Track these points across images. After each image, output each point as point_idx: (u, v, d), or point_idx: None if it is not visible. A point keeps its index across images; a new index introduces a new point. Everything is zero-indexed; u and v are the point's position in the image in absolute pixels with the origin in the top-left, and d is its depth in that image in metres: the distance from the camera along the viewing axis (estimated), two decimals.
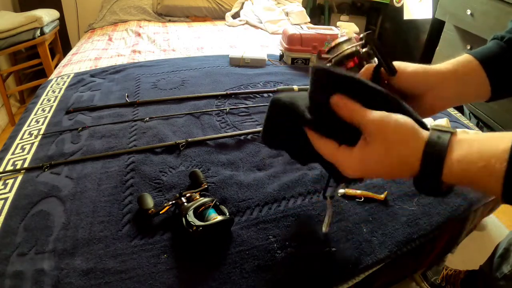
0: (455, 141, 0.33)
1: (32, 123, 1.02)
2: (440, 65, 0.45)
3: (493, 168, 0.30)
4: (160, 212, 0.66)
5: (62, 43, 2.40)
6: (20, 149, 0.89)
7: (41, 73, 2.12)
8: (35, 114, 1.07)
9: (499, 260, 0.77)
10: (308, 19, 2.25)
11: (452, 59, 0.45)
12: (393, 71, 0.42)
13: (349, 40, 0.46)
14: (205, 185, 0.73)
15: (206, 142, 0.91)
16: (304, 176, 0.79)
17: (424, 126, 0.37)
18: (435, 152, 0.33)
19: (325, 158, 0.41)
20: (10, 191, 0.74)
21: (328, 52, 0.47)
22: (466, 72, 0.44)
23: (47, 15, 1.99)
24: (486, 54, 0.44)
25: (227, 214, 0.64)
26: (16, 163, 0.84)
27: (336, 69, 0.39)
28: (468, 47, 1.80)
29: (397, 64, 0.44)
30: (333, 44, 0.46)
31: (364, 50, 0.44)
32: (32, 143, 0.91)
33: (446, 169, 0.32)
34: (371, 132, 0.36)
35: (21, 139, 0.94)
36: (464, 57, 0.45)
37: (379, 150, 0.36)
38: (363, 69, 0.45)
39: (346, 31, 1.38)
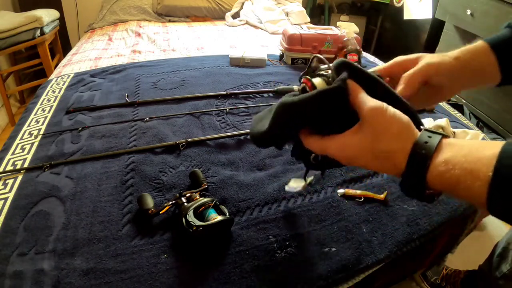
0: (444, 144, 0.33)
1: (32, 123, 1.02)
2: (458, 56, 0.46)
3: (479, 172, 0.29)
4: (160, 212, 0.66)
5: (62, 43, 2.40)
6: (20, 149, 0.89)
7: (41, 73, 2.13)
8: (35, 114, 1.07)
9: (498, 260, 0.77)
10: (308, 19, 2.25)
11: (467, 46, 0.47)
12: None
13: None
14: (205, 185, 0.73)
15: (206, 142, 0.91)
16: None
17: (420, 125, 0.38)
18: (422, 152, 0.33)
19: (315, 151, 0.42)
20: (10, 191, 0.74)
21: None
22: (479, 58, 0.46)
23: (47, 15, 1.99)
24: (497, 39, 0.46)
25: (227, 214, 0.64)
26: (16, 163, 0.84)
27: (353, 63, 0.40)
28: None
29: (428, 62, 0.46)
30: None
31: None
32: (32, 143, 0.91)
33: (432, 169, 0.32)
34: (367, 117, 0.36)
35: (21, 139, 0.94)
36: (477, 43, 0.47)
37: (370, 135, 0.36)
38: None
39: (346, 31, 1.38)
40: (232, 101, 1.13)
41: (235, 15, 2.33)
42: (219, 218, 0.60)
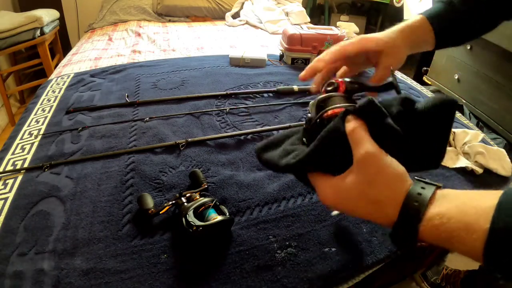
0: (439, 195, 0.32)
1: (32, 123, 1.02)
2: (403, 30, 0.53)
3: (475, 225, 0.28)
4: (160, 212, 0.65)
5: (62, 43, 2.41)
6: (20, 149, 0.89)
7: (41, 73, 2.13)
8: (35, 114, 1.07)
9: None
10: (308, 19, 2.25)
11: (410, 21, 0.55)
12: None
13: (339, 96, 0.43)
14: (205, 185, 0.73)
15: (206, 142, 0.91)
16: None
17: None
18: (415, 204, 0.32)
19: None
20: (10, 191, 0.74)
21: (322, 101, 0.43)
22: (418, 27, 0.54)
23: (47, 15, 1.99)
24: (433, 12, 0.55)
25: (227, 214, 0.64)
26: (16, 163, 0.84)
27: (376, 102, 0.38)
28: (468, 47, 1.80)
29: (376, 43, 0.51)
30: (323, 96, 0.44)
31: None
32: (32, 143, 0.91)
33: (425, 222, 0.31)
34: (360, 162, 0.35)
35: (21, 139, 0.94)
36: (417, 17, 0.55)
37: (362, 181, 0.35)
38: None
39: (346, 31, 1.38)
40: (232, 101, 1.13)
41: (235, 15, 2.33)
42: (219, 218, 0.60)
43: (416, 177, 0.34)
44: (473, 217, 0.28)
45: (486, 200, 0.29)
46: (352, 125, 0.36)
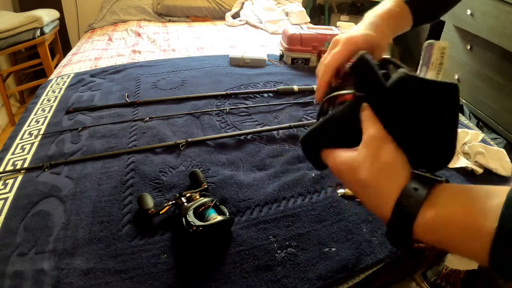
0: (437, 192, 0.30)
1: (32, 123, 1.02)
2: (383, 17, 0.53)
3: (482, 225, 0.26)
4: (160, 212, 0.66)
5: (62, 43, 2.40)
6: (20, 149, 0.89)
7: (41, 73, 2.13)
8: (35, 114, 1.07)
9: None
10: (308, 19, 2.25)
11: (389, 10, 0.55)
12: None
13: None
14: (205, 185, 0.73)
15: (206, 142, 0.91)
16: (304, 176, 0.79)
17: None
18: (409, 204, 0.29)
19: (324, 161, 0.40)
20: (10, 191, 0.74)
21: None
22: (399, 13, 0.55)
23: (47, 15, 1.99)
24: None
25: (227, 214, 0.64)
26: (16, 163, 0.84)
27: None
28: (468, 47, 1.80)
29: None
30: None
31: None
32: (32, 143, 0.92)
33: (419, 223, 0.28)
34: (365, 142, 0.34)
35: (21, 139, 0.94)
36: (395, 4, 0.55)
37: (364, 159, 0.33)
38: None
39: (346, 31, 1.38)
40: (232, 101, 1.13)
41: (235, 15, 2.33)
42: (219, 218, 0.60)
43: (415, 171, 0.32)
44: (479, 216, 0.26)
45: (491, 198, 0.27)
46: (366, 112, 0.35)
